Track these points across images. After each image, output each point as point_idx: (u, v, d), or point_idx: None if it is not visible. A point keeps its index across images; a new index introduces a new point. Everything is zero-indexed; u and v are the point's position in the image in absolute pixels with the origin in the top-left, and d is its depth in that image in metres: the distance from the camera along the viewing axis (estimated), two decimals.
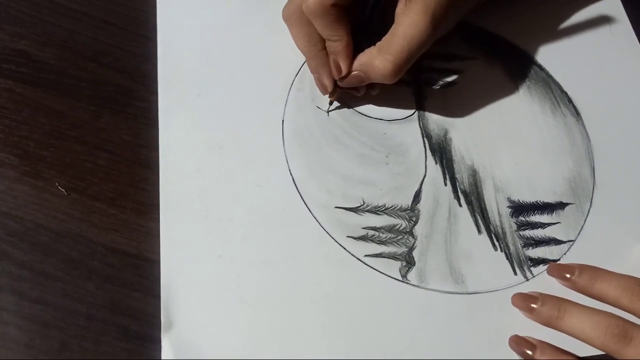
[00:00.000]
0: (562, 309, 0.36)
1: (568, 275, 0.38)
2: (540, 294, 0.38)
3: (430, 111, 0.43)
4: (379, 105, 0.43)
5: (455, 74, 0.45)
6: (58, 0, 0.44)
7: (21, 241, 0.37)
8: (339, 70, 0.40)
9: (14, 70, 0.42)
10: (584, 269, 0.38)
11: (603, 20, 0.47)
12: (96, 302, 0.36)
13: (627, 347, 0.34)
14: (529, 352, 0.36)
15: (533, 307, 0.37)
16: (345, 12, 0.38)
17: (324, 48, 0.40)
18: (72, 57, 0.43)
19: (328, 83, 0.41)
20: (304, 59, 0.43)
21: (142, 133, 0.41)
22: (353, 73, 0.40)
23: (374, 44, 0.39)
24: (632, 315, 0.36)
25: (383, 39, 0.39)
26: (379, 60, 0.38)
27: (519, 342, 0.36)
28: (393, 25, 0.38)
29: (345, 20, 0.38)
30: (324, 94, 0.42)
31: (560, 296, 0.37)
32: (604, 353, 0.35)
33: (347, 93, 0.42)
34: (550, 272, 0.39)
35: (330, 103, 0.43)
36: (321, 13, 0.38)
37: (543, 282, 0.39)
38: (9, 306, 0.36)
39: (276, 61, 0.43)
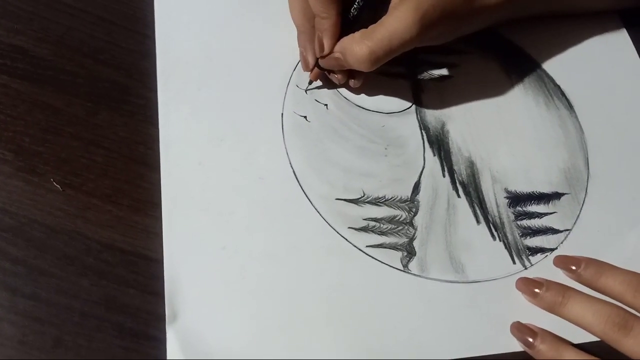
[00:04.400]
0: (567, 296, 0.37)
1: (574, 268, 0.38)
2: (545, 280, 0.38)
3: (427, 104, 0.44)
4: (377, 98, 0.43)
5: (452, 68, 0.45)
6: None
7: (15, 237, 0.36)
8: (322, 48, 0.40)
9: (10, 66, 0.41)
10: (590, 262, 0.38)
11: (594, 14, 0.48)
12: (91, 299, 0.35)
13: (626, 337, 0.35)
14: (530, 339, 0.36)
15: (537, 292, 0.37)
16: None
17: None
18: (68, 54, 0.42)
19: (310, 59, 0.42)
20: None
21: (139, 130, 0.41)
22: (333, 54, 0.40)
23: None
24: (635, 310, 0.36)
25: (370, 26, 0.39)
26: (357, 44, 0.38)
27: (520, 329, 0.36)
28: (384, 17, 0.39)
29: (338, 0, 0.39)
30: (305, 70, 0.43)
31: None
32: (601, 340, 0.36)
33: (329, 79, 0.43)
34: (556, 264, 0.39)
35: (310, 82, 0.43)
36: None
37: (541, 270, 0.39)
38: (2, 302, 0.35)
39: (275, 55, 0.43)
